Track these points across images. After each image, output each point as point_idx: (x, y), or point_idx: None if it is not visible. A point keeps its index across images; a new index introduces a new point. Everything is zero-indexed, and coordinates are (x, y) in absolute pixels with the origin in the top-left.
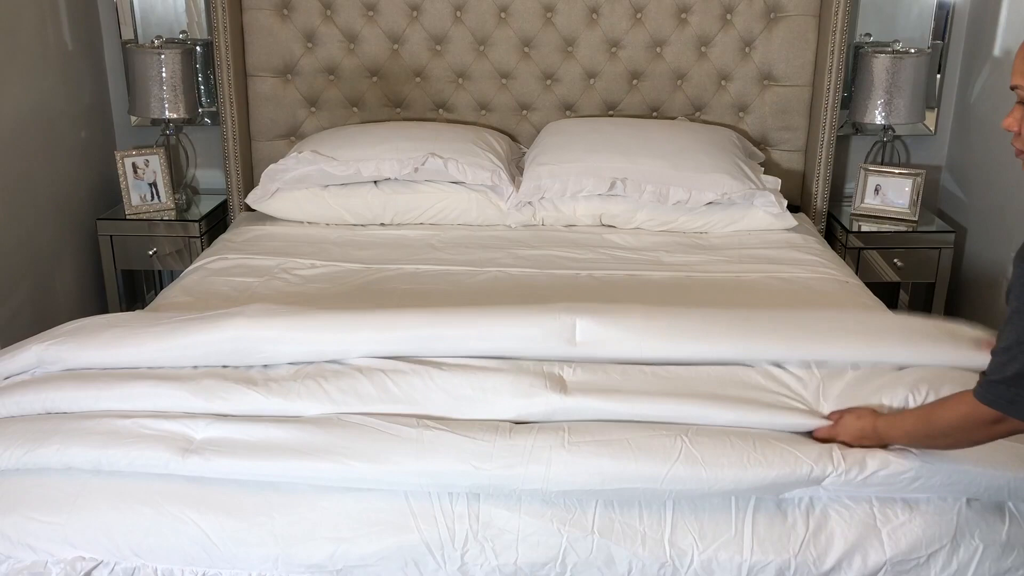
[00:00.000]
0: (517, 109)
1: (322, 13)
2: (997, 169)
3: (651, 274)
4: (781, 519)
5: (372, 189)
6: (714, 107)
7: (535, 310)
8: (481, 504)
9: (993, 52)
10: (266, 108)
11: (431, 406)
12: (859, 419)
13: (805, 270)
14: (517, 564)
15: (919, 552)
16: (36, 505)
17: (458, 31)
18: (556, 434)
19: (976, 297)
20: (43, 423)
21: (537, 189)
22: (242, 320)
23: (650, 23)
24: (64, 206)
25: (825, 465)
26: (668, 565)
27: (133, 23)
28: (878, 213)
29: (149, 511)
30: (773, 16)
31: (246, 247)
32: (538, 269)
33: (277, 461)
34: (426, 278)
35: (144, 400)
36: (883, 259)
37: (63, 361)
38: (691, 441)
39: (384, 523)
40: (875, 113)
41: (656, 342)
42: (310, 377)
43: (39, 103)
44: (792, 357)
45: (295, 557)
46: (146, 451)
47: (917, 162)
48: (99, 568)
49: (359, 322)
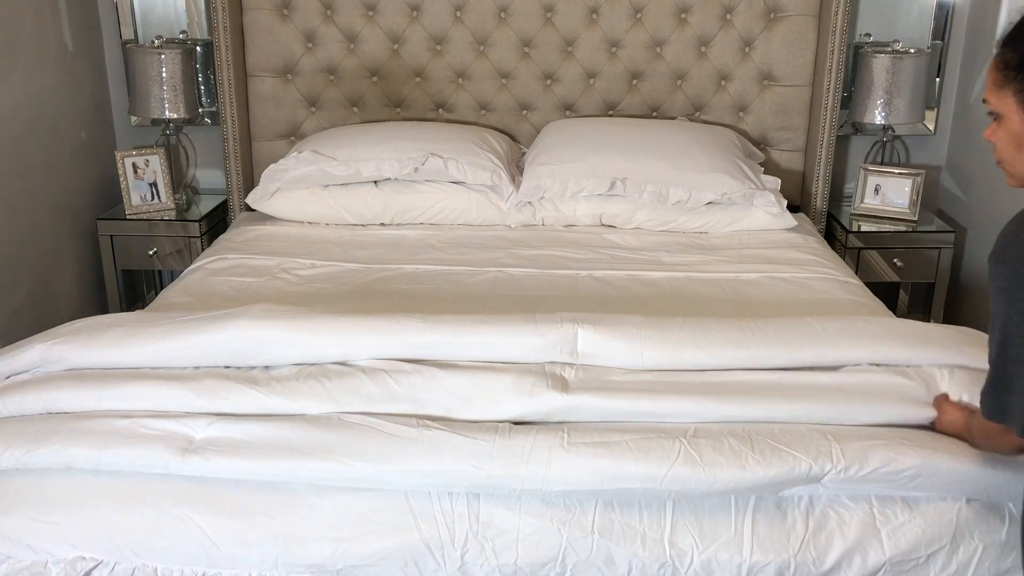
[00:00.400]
0: (517, 109)
1: (322, 13)
2: (997, 169)
3: (651, 274)
4: (781, 519)
5: (372, 189)
6: (714, 107)
7: (538, 319)
8: (481, 504)
9: (993, 52)
10: (266, 108)
11: (433, 405)
12: (959, 410)
13: (805, 270)
14: (517, 564)
15: (919, 552)
16: (37, 505)
17: (458, 31)
18: (556, 434)
19: (976, 297)
20: (44, 423)
21: (537, 189)
22: (244, 321)
23: (650, 23)
24: (64, 206)
25: (824, 463)
26: (668, 565)
27: (133, 23)
28: (878, 213)
29: (150, 511)
30: (773, 16)
31: (246, 247)
32: (538, 269)
33: (277, 461)
34: (426, 278)
35: (145, 400)
36: (883, 259)
37: (66, 360)
38: (690, 442)
39: (384, 523)
40: (875, 113)
41: (658, 352)
42: (312, 377)
43: (39, 103)
44: (795, 365)
45: (295, 557)
46: (146, 451)
47: (917, 162)
48: (99, 568)
49: (361, 326)
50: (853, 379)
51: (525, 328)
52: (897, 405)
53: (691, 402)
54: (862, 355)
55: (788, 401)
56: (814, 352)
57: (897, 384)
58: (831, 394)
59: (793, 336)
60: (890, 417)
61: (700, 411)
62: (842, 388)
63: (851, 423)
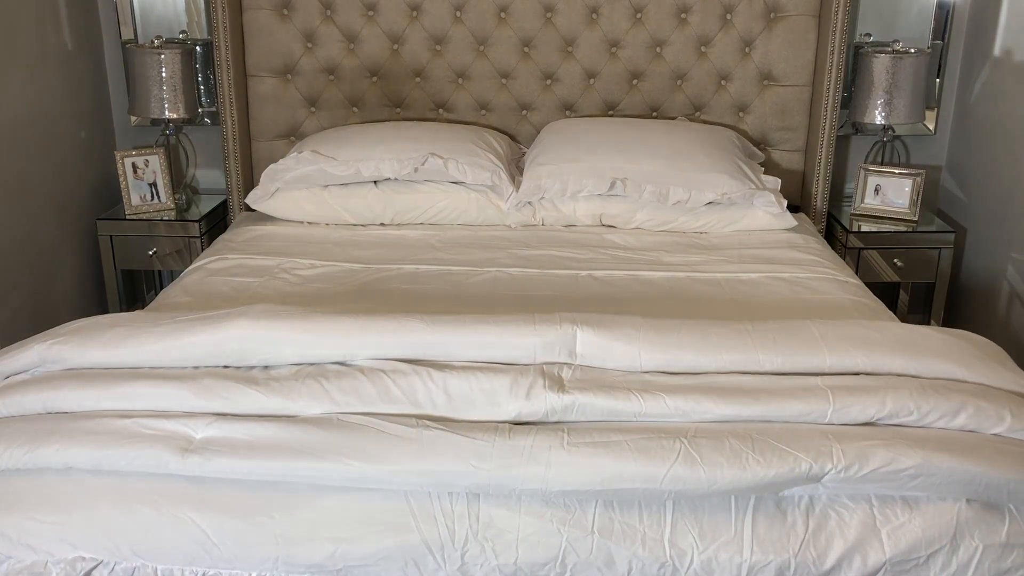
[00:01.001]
0: (517, 109)
1: (322, 13)
2: (997, 169)
3: (651, 274)
4: (781, 519)
5: (372, 189)
6: (714, 107)
7: (537, 319)
8: (481, 504)
9: (993, 52)
10: (266, 108)
11: (431, 406)
12: None
13: (805, 270)
14: (517, 564)
15: (919, 552)
16: (36, 505)
17: (458, 31)
18: (555, 434)
19: (976, 297)
20: (43, 423)
21: (537, 189)
22: (244, 321)
23: (650, 23)
24: (64, 206)
25: (824, 462)
26: (668, 565)
27: (133, 23)
28: (878, 213)
29: (149, 511)
30: (773, 16)
31: (246, 247)
32: (538, 269)
33: (277, 461)
34: (426, 278)
35: (145, 400)
36: (883, 259)
37: (65, 360)
38: (690, 442)
39: (384, 523)
40: (875, 113)
41: (657, 354)
42: (311, 377)
43: (39, 103)
44: (793, 368)
45: (295, 557)
46: (146, 451)
47: (917, 162)
48: (99, 568)
49: (362, 327)
50: (853, 378)
51: (524, 328)
52: (896, 403)
53: (691, 402)
54: (860, 362)
55: (788, 400)
56: (813, 359)
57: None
58: (829, 392)
59: (792, 341)
60: (890, 414)
61: (700, 411)
62: (842, 386)
63: (851, 422)
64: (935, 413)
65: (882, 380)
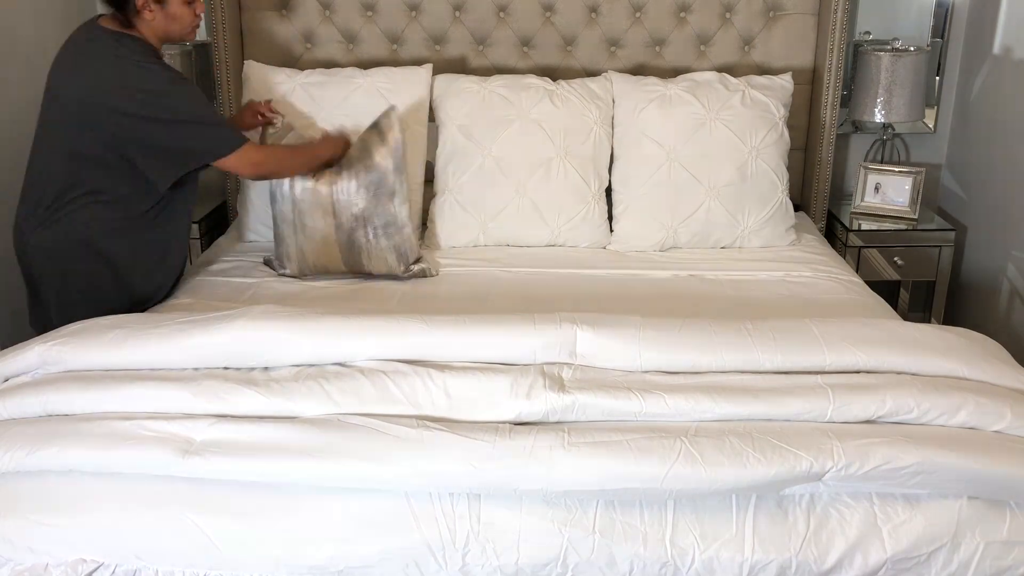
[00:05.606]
0: None
1: (321, 13)
2: (997, 167)
3: (652, 273)
4: (782, 518)
5: None
6: None
7: (537, 319)
8: (482, 504)
9: (993, 50)
10: None
11: (432, 407)
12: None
13: (805, 268)
14: (518, 564)
15: (920, 550)
16: (37, 507)
17: (457, 31)
18: (556, 434)
19: (976, 295)
20: (44, 425)
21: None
22: (244, 322)
23: (649, 22)
24: None
25: (825, 461)
26: (669, 565)
27: None
28: (878, 211)
29: (150, 513)
30: (772, 14)
31: (246, 248)
32: (538, 269)
33: (278, 462)
34: (426, 278)
35: (145, 402)
36: (883, 257)
37: (65, 362)
38: (691, 441)
39: (385, 524)
40: (875, 111)
41: (657, 353)
42: (311, 378)
43: (39, 103)
44: (794, 366)
45: (296, 558)
46: (147, 453)
47: (917, 160)
48: (100, 570)
49: (362, 328)
50: (854, 377)
51: (524, 328)
52: (897, 401)
53: (691, 401)
54: (861, 361)
55: (788, 399)
56: (814, 358)
57: (896, 381)
58: (830, 390)
59: (792, 340)
60: (890, 412)
61: (700, 410)
62: (842, 385)
63: (852, 420)
64: (935, 411)
65: (882, 378)
